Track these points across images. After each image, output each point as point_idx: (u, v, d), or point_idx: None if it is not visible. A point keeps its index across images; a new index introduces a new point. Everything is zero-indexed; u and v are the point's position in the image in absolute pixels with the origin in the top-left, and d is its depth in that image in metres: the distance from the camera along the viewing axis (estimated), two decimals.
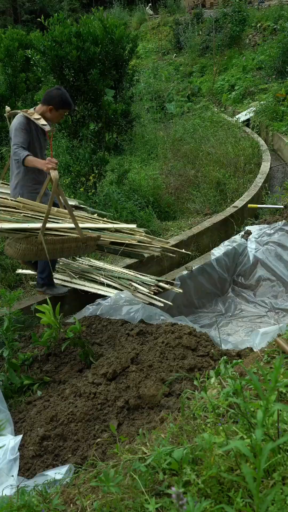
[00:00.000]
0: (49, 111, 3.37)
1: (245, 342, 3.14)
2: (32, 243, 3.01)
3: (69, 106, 3.42)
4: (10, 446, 2.11)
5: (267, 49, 11.69)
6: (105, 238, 3.30)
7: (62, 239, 3.09)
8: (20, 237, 2.99)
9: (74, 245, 3.16)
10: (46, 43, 5.65)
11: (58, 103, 3.34)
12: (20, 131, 3.23)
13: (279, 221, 4.54)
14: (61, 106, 3.37)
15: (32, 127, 3.32)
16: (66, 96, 3.37)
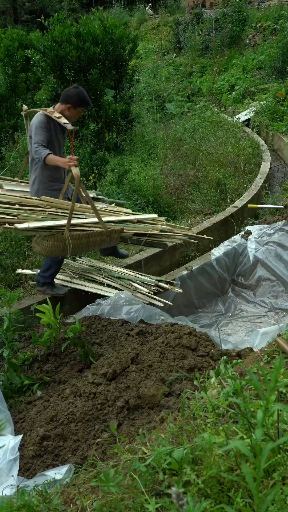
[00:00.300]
0: (67, 109, 3.42)
1: (245, 342, 3.14)
2: (59, 240, 3.09)
3: (87, 103, 3.50)
4: (10, 446, 2.12)
5: (267, 49, 11.69)
6: (128, 230, 3.35)
7: (87, 234, 3.16)
8: (47, 235, 3.07)
9: (99, 239, 3.24)
10: (46, 43, 5.66)
11: (76, 101, 3.41)
12: (40, 129, 3.29)
13: (279, 221, 4.54)
14: (79, 104, 3.44)
15: (51, 125, 3.38)
16: (83, 94, 3.44)
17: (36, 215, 3.13)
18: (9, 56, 8.78)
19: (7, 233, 5.15)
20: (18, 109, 9.02)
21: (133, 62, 12.66)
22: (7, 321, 2.72)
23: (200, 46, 15.64)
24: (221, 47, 13.87)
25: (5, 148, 8.19)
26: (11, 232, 5.14)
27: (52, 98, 6.10)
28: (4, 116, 8.62)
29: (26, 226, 2.99)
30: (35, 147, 3.24)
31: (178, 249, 4.77)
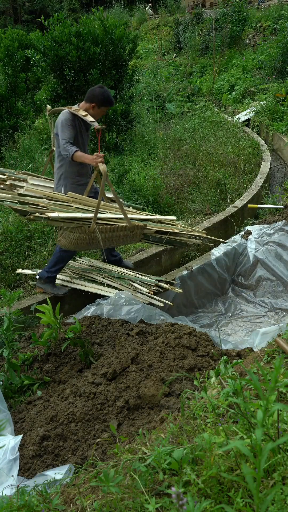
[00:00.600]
0: (91, 108, 3.51)
1: (245, 342, 3.14)
2: (85, 232, 3.21)
3: (111, 103, 3.58)
4: (10, 446, 2.11)
5: (267, 49, 11.69)
6: (150, 227, 3.46)
7: (112, 227, 3.29)
8: (74, 227, 3.20)
9: (123, 234, 3.37)
10: (46, 43, 5.66)
11: (101, 101, 3.49)
12: (67, 126, 3.40)
13: (279, 221, 4.54)
14: (103, 103, 3.52)
15: (77, 123, 3.49)
16: (107, 94, 3.52)
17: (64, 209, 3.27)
18: (9, 56, 8.78)
19: (7, 233, 5.16)
20: (18, 109, 9.03)
21: (133, 62, 12.67)
22: (7, 321, 2.72)
23: (200, 46, 15.64)
24: (221, 47, 13.88)
25: (5, 148, 8.19)
26: (11, 232, 5.15)
27: (52, 98, 6.10)
28: (4, 116, 8.62)
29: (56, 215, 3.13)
30: (63, 143, 3.35)
31: (178, 249, 4.77)
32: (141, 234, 3.43)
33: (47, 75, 6.12)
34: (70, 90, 6.05)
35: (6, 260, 4.76)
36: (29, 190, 3.41)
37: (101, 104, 3.51)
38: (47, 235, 5.15)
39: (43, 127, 9.74)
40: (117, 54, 6.54)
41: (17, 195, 3.28)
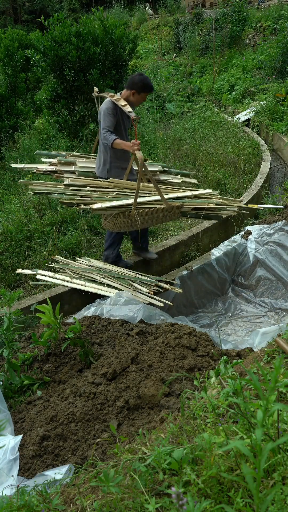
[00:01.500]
0: (132, 95, 3.70)
1: (245, 342, 3.14)
2: (127, 217, 3.50)
3: (150, 89, 3.73)
4: (10, 446, 2.11)
5: (267, 49, 11.68)
6: (187, 205, 3.60)
7: (151, 210, 3.54)
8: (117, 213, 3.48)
9: (161, 215, 3.60)
10: (46, 43, 5.66)
11: (140, 87, 3.67)
12: (108, 115, 3.63)
13: (279, 221, 4.54)
14: (142, 90, 3.68)
15: (118, 111, 3.71)
16: (147, 81, 3.69)
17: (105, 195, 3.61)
18: (9, 56, 8.78)
19: (7, 233, 5.16)
20: (18, 109, 9.02)
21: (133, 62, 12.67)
22: (7, 321, 2.72)
23: (200, 46, 15.64)
24: (221, 47, 13.88)
25: (5, 148, 8.19)
26: (11, 232, 5.15)
27: (52, 98, 6.10)
28: (4, 116, 8.62)
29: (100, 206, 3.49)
30: (103, 132, 3.61)
31: (178, 249, 4.77)
32: (178, 212, 3.59)
33: (47, 75, 6.12)
34: (70, 90, 6.05)
35: (6, 260, 4.76)
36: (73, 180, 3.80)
37: (141, 90, 3.68)
38: (47, 235, 5.16)
39: (43, 127, 9.74)
40: (117, 54, 6.54)
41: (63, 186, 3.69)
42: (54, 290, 3.90)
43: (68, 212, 5.56)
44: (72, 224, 5.44)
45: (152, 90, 3.79)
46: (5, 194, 6.70)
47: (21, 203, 5.89)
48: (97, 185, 3.75)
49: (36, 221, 5.39)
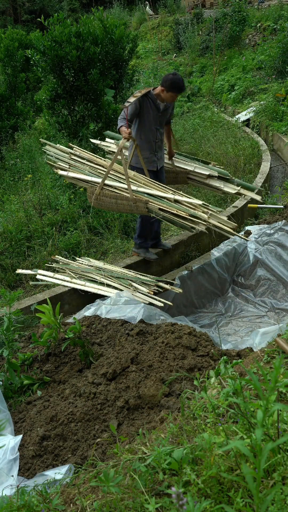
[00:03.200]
0: (162, 91, 3.87)
1: (245, 342, 3.14)
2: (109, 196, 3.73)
3: (177, 90, 3.83)
4: (10, 446, 2.11)
5: (267, 49, 11.68)
6: (154, 203, 3.59)
7: (115, 195, 3.67)
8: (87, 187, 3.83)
9: (126, 203, 3.66)
10: (46, 43, 5.65)
11: (168, 86, 3.80)
12: (131, 105, 3.81)
13: (279, 221, 4.54)
14: (170, 89, 3.81)
15: (146, 103, 3.90)
16: (176, 82, 3.78)
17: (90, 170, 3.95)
18: (9, 56, 8.78)
19: (7, 233, 5.16)
20: (18, 109, 9.03)
21: (133, 62, 12.65)
22: (7, 321, 2.72)
23: (200, 46, 15.64)
24: (221, 47, 13.87)
25: (5, 148, 8.20)
26: (11, 232, 5.15)
27: (52, 98, 6.09)
28: (4, 116, 8.62)
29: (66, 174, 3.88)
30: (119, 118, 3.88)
31: (178, 249, 4.77)
32: (144, 208, 3.60)
33: (47, 75, 6.11)
34: (70, 90, 6.05)
35: (6, 260, 4.76)
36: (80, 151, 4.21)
37: (169, 89, 3.80)
38: (47, 235, 5.16)
39: (43, 127, 9.74)
40: (117, 54, 6.54)
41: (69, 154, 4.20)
42: (54, 290, 3.90)
43: (68, 212, 5.56)
44: (72, 224, 5.44)
45: (180, 91, 3.86)
46: (5, 194, 6.71)
47: (21, 203, 5.89)
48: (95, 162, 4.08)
49: (36, 221, 5.39)
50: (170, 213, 3.52)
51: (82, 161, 4.25)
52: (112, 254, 4.86)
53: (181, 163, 4.51)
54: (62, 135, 6.45)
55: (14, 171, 7.50)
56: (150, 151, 4.08)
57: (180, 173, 4.45)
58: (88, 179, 3.90)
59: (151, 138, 4.04)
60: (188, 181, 4.48)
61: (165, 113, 4.08)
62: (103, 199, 3.78)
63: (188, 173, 4.38)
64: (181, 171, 4.44)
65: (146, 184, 3.83)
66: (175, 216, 3.49)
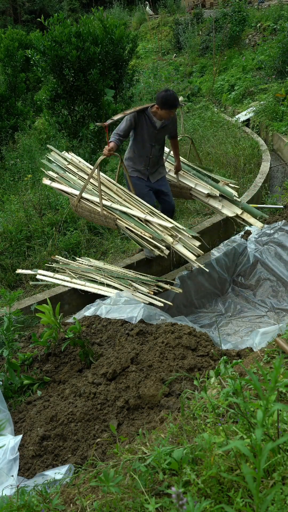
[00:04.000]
0: (157, 109, 3.87)
1: (245, 342, 3.14)
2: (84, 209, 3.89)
3: (168, 107, 3.79)
4: (10, 446, 2.11)
5: (267, 49, 11.68)
6: (122, 221, 3.64)
7: (90, 208, 3.79)
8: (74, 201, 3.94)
9: (98, 217, 3.78)
10: (46, 43, 5.65)
11: (160, 103, 3.80)
12: (125, 121, 3.87)
13: (279, 221, 4.54)
14: (162, 106, 3.80)
15: (142, 120, 3.91)
16: (167, 98, 3.76)
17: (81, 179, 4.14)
18: (9, 56, 8.78)
19: (7, 233, 5.16)
20: (18, 109, 9.03)
21: (133, 62, 12.67)
22: (7, 321, 2.72)
23: (200, 46, 15.64)
24: (221, 47, 13.87)
25: (5, 148, 8.19)
26: (11, 232, 5.15)
27: (52, 98, 6.10)
28: (4, 116, 8.62)
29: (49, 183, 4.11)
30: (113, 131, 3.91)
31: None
32: (113, 224, 3.66)
33: (47, 75, 6.11)
34: (70, 90, 6.05)
35: (6, 260, 4.76)
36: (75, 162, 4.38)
37: (162, 106, 3.79)
38: (47, 235, 5.16)
39: (43, 127, 9.74)
40: (117, 54, 6.54)
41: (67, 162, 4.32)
42: (54, 290, 3.90)
43: (69, 212, 5.56)
44: (72, 224, 5.44)
45: (172, 108, 3.82)
46: (5, 194, 6.71)
47: (21, 203, 5.89)
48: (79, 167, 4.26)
49: (36, 221, 5.39)
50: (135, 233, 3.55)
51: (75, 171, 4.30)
52: (112, 254, 4.86)
53: (185, 178, 4.50)
54: (62, 135, 6.46)
55: (14, 171, 7.50)
56: (143, 165, 4.11)
57: (184, 188, 4.45)
58: (68, 191, 4.03)
59: (145, 153, 4.06)
60: (191, 197, 4.47)
61: (163, 131, 4.07)
62: (80, 211, 3.91)
63: (191, 189, 4.37)
64: (184, 186, 4.44)
65: (126, 200, 3.87)
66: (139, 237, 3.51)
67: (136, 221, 3.63)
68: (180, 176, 4.53)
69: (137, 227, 3.56)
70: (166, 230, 3.55)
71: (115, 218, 3.65)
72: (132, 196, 3.92)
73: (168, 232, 3.52)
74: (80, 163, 4.43)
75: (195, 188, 4.34)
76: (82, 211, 3.91)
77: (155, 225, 3.60)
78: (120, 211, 3.71)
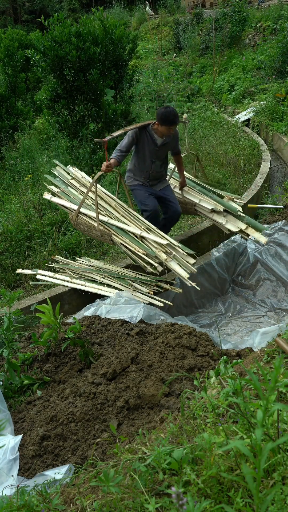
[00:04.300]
0: (157, 125, 3.90)
1: (245, 342, 3.14)
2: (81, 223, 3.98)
3: (168, 123, 3.80)
4: (10, 446, 2.11)
5: (267, 49, 11.68)
6: (117, 237, 3.68)
7: (87, 223, 3.87)
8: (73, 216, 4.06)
9: (95, 232, 3.85)
10: (46, 43, 5.65)
11: (160, 120, 3.82)
12: (127, 137, 3.92)
13: (279, 221, 4.54)
14: (162, 122, 3.83)
15: (143, 136, 3.97)
16: (166, 115, 3.78)
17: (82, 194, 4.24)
18: (9, 56, 8.78)
19: (7, 233, 5.16)
20: (18, 109, 9.02)
21: (133, 62, 12.67)
22: (7, 321, 2.72)
23: (200, 46, 15.64)
24: (221, 47, 13.87)
25: (5, 148, 8.19)
26: (11, 232, 5.15)
27: (52, 98, 6.09)
28: (4, 116, 8.62)
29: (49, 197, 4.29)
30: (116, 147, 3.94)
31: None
32: (109, 239, 3.72)
33: (47, 75, 6.11)
34: (70, 90, 6.05)
35: (6, 260, 4.76)
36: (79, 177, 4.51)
37: (161, 123, 3.81)
38: (47, 235, 5.16)
39: (43, 127, 9.74)
40: (117, 54, 6.54)
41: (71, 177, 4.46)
42: (54, 290, 3.90)
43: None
44: None
45: (172, 124, 3.83)
46: (5, 194, 6.71)
47: (21, 203, 5.89)
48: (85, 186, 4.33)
49: (36, 221, 5.39)
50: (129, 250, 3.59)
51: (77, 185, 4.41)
52: (112, 254, 4.86)
53: (190, 194, 4.52)
54: (62, 135, 6.46)
55: (14, 171, 7.50)
56: (143, 178, 4.17)
57: (188, 204, 4.48)
58: (67, 205, 4.16)
59: (145, 168, 4.11)
60: (196, 212, 4.49)
61: (164, 148, 4.11)
62: (78, 225, 4.00)
63: (195, 204, 4.40)
64: (189, 202, 4.47)
65: (124, 216, 3.94)
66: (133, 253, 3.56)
67: (132, 237, 3.68)
68: (185, 192, 4.55)
69: (131, 243, 3.62)
70: (160, 247, 3.58)
71: (110, 234, 3.71)
72: (131, 212, 3.97)
73: (163, 249, 3.56)
74: (82, 178, 4.51)
75: (199, 203, 4.35)
76: (80, 225, 3.98)
77: (150, 241, 3.64)
78: (116, 227, 3.78)
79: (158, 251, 3.51)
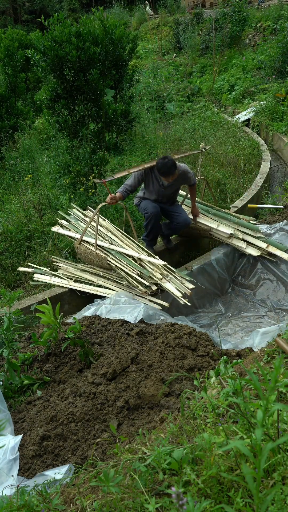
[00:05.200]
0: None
1: (245, 342, 3.14)
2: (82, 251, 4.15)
3: (163, 174, 3.99)
4: (10, 446, 2.11)
5: (267, 49, 11.68)
6: (112, 261, 3.81)
7: (87, 250, 4.03)
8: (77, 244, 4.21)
9: (92, 258, 4.01)
10: (46, 43, 5.65)
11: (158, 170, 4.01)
12: (132, 177, 4.14)
13: (279, 221, 4.54)
14: (159, 173, 4.01)
15: (150, 176, 4.17)
16: (160, 167, 3.96)
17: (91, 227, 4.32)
18: (9, 56, 8.77)
19: (7, 233, 5.16)
20: (18, 109, 9.02)
21: (133, 62, 12.66)
22: (7, 321, 2.72)
23: (200, 46, 15.64)
24: (221, 47, 13.87)
25: (5, 148, 8.19)
26: (11, 232, 5.15)
27: (52, 98, 6.09)
28: (4, 116, 8.62)
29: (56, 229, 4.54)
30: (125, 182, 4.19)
31: (178, 249, 4.77)
32: (106, 263, 3.85)
33: (47, 75, 6.10)
34: (70, 90, 6.04)
35: (6, 260, 4.76)
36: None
37: (159, 173, 4.00)
38: (47, 235, 5.16)
39: (43, 127, 9.73)
40: (117, 54, 6.53)
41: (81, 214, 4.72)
42: (54, 290, 3.90)
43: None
44: None
45: (167, 175, 3.97)
46: (5, 194, 6.71)
47: (21, 203, 5.89)
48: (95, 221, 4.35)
49: (36, 221, 5.39)
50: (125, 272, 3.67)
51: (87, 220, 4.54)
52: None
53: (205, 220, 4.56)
54: (62, 135, 6.45)
55: (14, 171, 7.50)
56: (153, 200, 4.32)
57: (203, 230, 4.52)
58: (72, 235, 4.39)
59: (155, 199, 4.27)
60: (211, 237, 4.52)
61: (170, 188, 4.23)
62: (81, 253, 4.17)
63: (211, 230, 4.45)
64: (203, 228, 4.51)
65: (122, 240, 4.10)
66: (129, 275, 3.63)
67: (129, 260, 3.76)
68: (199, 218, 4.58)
69: (127, 264, 3.71)
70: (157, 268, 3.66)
71: (105, 257, 3.83)
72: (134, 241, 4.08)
73: (159, 270, 3.63)
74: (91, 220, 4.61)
75: (216, 228, 4.40)
76: (82, 253, 4.13)
77: (146, 263, 3.73)
78: (116, 251, 3.89)
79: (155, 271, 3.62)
